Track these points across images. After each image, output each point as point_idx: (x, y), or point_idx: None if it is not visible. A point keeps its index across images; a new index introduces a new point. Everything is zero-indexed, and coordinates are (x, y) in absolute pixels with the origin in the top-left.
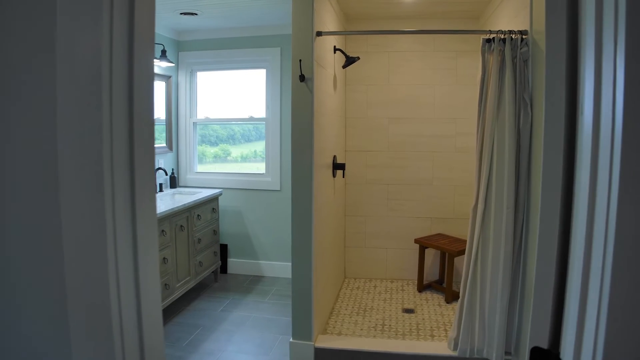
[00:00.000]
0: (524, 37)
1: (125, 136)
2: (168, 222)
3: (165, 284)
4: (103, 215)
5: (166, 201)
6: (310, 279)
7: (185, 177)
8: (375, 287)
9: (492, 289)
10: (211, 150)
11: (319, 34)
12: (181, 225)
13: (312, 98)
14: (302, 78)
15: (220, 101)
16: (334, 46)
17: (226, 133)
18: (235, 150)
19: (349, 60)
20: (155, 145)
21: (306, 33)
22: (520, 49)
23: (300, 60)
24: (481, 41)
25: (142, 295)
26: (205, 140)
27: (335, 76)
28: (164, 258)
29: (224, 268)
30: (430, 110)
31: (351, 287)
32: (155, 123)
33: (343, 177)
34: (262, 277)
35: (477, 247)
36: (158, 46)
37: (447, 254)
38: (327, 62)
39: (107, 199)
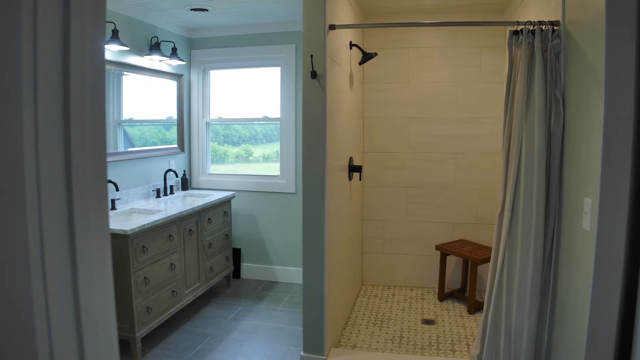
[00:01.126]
0: (555, 28)
1: (58, 136)
2: (176, 226)
3: (173, 291)
4: (25, 229)
5: (177, 204)
6: (322, 288)
7: (197, 179)
8: (393, 295)
9: (519, 304)
10: (233, 150)
11: (332, 27)
12: (190, 230)
13: (324, 96)
14: (313, 74)
15: (233, 100)
16: (350, 42)
17: (248, 133)
18: (258, 151)
19: (366, 57)
20: (167, 146)
21: (318, 26)
22: (552, 41)
23: (311, 56)
24: (507, 34)
25: (85, 324)
26: (227, 140)
27: (351, 73)
28: (171, 264)
29: (237, 273)
30: (452, 109)
31: (368, 295)
32: (167, 123)
33: (360, 180)
34: (276, 282)
35: (504, 257)
36: (168, 44)
37: (470, 261)
38: (343, 59)
39: (30, 211)
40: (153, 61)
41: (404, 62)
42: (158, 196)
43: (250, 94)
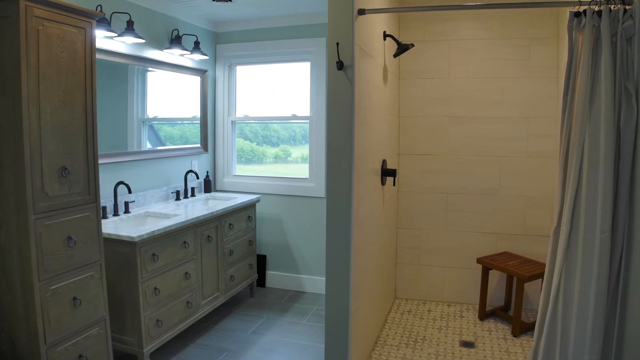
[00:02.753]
0: (627, 7)
1: None
2: (192, 232)
3: (187, 302)
4: None
5: (196, 207)
6: (347, 304)
7: (222, 180)
8: (429, 311)
9: (577, 338)
10: (272, 150)
11: (361, 12)
12: (209, 236)
13: (352, 89)
14: (340, 65)
15: (261, 98)
16: (384, 32)
17: (287, 134)
18: (296, 151)
19: (401, 48)
20: (189, 146)
21: (345, 10)
22: (622, 23)
23: (337, 44)
24: (568, 16)
25: None
26: (266, 140)
27: (385, 67)
28: (186, 273)
29: (262, 281)
30: (497, 108)
31: (402, 311)
32: (190, 122)
33: (394, 185)
34: (303, 293)
35: (559, 281)
36: (191, 37)
37: (515, 278)
38: (376, 50)
39: None
40: (173, 55)
41: (444, 55)
42: (178, 199)
43: (279, 91)
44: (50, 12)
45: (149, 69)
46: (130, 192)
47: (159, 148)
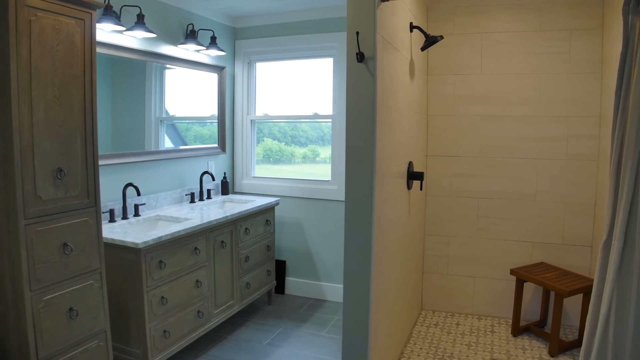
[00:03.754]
0: None
1: None
2: (204, 237)
3: (198, 311)
4: None
5: (211, 211)
6: (366, 317)
7: (240, 182)
8: (457, 325)
9: None
10: (300, 151)
11: None
12: (222, 242)
13: (373, 84)
14: (360, 57)
15: (281, 96)
16: (410, 23)
17: (316, 134)
18: (325, 152)
19: (430, 40)
20: (206, 146)
21: None
22: None
23: (357, 33)
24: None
25: None
26: (295, 140)
27: (412, 62)
28: (197, 281)
29: (281, 288)
30: (534, 106)
31: (428, 324)
32: (207, 121)
33: (421, 189)
34: (324, 301)
35: (610, 306)
36: (207, 32)
37: (553, 292)
38: (401, 42)
39: None
40: (188, 51)
41: (476, 50)
42: (192, 201)
43: (300, 88)
44: (44, 2)
45: (167, 66)
46: (139, 194)
47: (174, 148)
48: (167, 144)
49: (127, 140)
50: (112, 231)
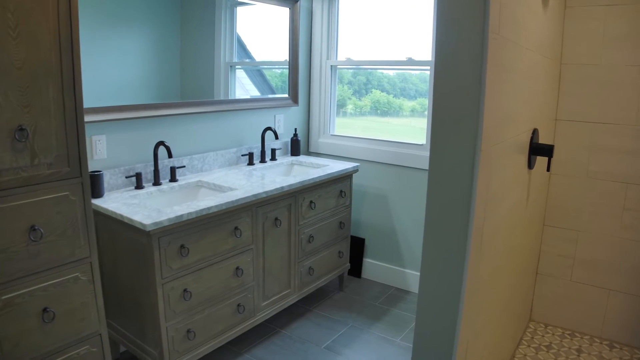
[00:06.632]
0: None
1: None
2: (248, 214)
3: (239, 305)
4: None
5: (270, 177)
6: (452, 336)
7: (316, 141)
8: (579, 352)
9: None
10: (409, 104)
11: None
12: (276, 219)
13: (485, 5)
14: None
15: (367, 37)
16: None
17: (425, 87)
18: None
19: None
20: (273, 96)
21: None
22: None
23: None
24: None
25: None
26: (404, 93)
27: None
28: (237, 268)
29: (357, 270)
30: None
31: (537, 344)
32: (275, 66)
33: (548, 170)
34: (407, 293)
35: None
36: None
37: None
38: None
39: None
40: None
41: None
42: (250, 163)
43: (391, 28)
44: None
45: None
46: (170, 156)
47: (230, 99)
48: (262, 92)
49: (192, 88)
50: (129, 202)
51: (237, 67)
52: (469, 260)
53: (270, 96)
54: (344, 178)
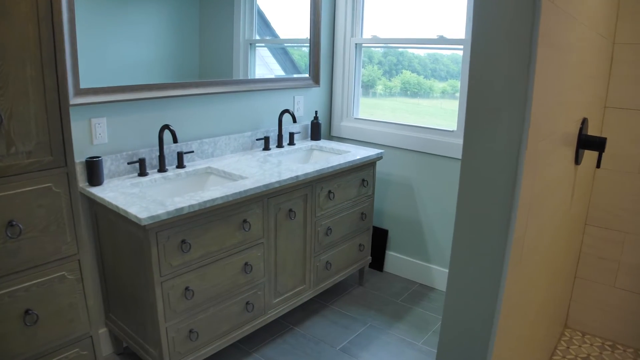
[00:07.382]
0: None
1: None
2: (259, 206)
3: (247, 303)
4: None
5: (286, 164)
6: (486, 346)
7: (338, 124)
8: None
9: None
10: (439, 85)
11: None
12: (290, 210)
13: None
14: None
15: (394, 12)
16: None
17: (457, 68)
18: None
19: None
20: (293, 76)
21: None
22: None
23: None
24: None
25: None
26: (434, 74)
27: None
28: (245, 264)
29: (379, 263)
30: None
31: (573, 354)
32: (298, 44)
33: (598, 166)
34: (431, 290)
35: None
36: None
37: None
38: None
39: None
40: None
41: None
42: (266, 148)
43: (421, 3)
44: None
45: None
46: (175, 140)
47: (244, 79)
48: (287, 71)
49: (211, 67)
50: (128, 191)
51: (257, 45)
52: (508, 270)
53: (289, 76)
54: (367, 166)
